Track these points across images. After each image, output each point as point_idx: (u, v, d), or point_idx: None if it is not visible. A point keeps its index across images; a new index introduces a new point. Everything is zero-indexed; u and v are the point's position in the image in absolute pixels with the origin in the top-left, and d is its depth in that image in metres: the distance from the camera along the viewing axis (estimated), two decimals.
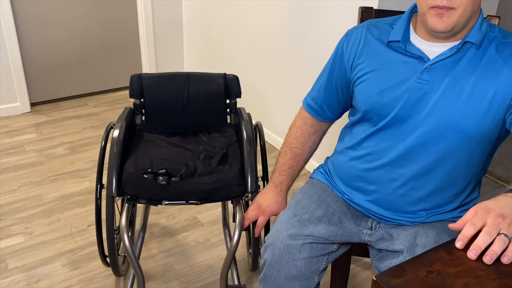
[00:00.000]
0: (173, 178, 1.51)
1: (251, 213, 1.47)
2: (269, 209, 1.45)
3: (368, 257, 1.37)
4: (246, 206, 1.91)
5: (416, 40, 1.20)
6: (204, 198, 1.52)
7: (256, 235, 1.51)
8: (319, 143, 1.49)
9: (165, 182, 1.49)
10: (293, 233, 1.27)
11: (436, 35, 1.16)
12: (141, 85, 1.81)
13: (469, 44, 1.14)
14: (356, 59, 1.28)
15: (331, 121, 1.45)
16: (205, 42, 3.41)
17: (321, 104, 1.40)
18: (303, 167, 1.49)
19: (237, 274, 1.76)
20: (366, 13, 1.52)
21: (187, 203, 1.53)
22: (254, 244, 1.63)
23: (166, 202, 1.52)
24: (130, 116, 1.77)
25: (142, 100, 1.83)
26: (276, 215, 1.45)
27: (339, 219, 1.31)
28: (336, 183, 1.39)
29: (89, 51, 3.48)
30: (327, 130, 1.49)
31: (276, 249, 1.28)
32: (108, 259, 1.70)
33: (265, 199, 1.46)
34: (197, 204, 1.53)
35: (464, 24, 1.12)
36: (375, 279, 0.75)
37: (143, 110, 1.85)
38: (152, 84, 1.82)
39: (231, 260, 1.54)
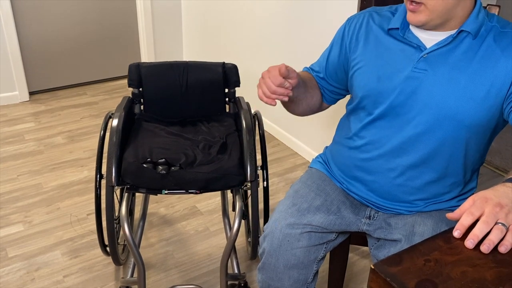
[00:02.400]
0: (173, 168, 1.51)
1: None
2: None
3: (367, 246, 1.38)
4: (245, 195, 1.92)
5: (415, 28, 1.20)
6: (203, 187, 1.52)
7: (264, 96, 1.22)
8: (315, 101, 1.41)
9: (164, 172, 1.49)
10: (291, 222, 1.28)
11: (421, 27, 1.16)
12: (139, 74, 1.80)
13: (465, 33, 1.14)
14: (356, 44, 1.28)
15: (324, 101, 1.46)
16: (204, 31, 3.40)
17: (320, 84, 1.42)
18: (306, 90, 1.36)
19: (237, 263, 1.77)
20: (365, 1, 1.51)
21: (187, 192, 1.53)
22: (254, 233, 1.64)
23: (166, 191, 1.52)
24: (129, 105, 1.77)
25: (140, 89, 1.83)
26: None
27: (338, 208, 1.31)
28: (334, 172, 1.39)
29: (87, 40, 3.47)
30: (323, 108, 1.47)
31: (275, 238, 1.28)
32: (108, 248, 1.70)
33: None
34: (196, 193, 1.53)
35: (442, 17, 1.12)
36: (373, 267, 0.76)
37: (142, 99, 1.85)
38: (150, 73, 1.81)
39: (231, 248, 1.55)
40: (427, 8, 1.10)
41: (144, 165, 1.50)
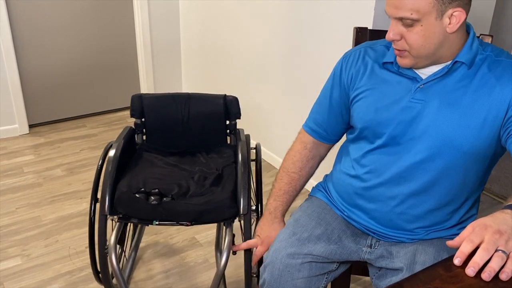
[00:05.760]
0: (165, 198, 1.51)
1: (259, 249, 1.44)
2: (267, 240, 1.42)
3: (368, 276, 1.37)
4: (240, 228, 1.90)
5: None
6: (195, 219, 1.50)
7: (253, 263, 1.47)
8: (316, 168, 1.49)
9: (156, 202, 1.48)
10: (292, 252, 1.27)
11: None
12: (142, 105, 1.82)
13: (460, 64, 1.16)
14: (354, 79, 1.30)
15: (332, 143, 1.45)
16: (203, 63, 3.44)
17: (325, 126, 1.40)
18: (299, 192, 1.48)
19: None
20: (361, 34, 1.54)
21: (178, 223, 1.51)
22: (246, 267, 1.59)
23: (157, 222, 1.51)
24: (129, 135, 1.78)
25: (142, 119, 1.84)
26: None
27: (339, 237, 1.31)
28: (335, 200, 1.39)
29: (87, 73, 3.50)
30: (325, 155, 1.48)
31: (275, 268, 1.27)
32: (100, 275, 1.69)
33: (263, 230, 1.44)
34: (187, 225, 1.50)
35: (429, 59, 1.15)
36: None
37: (144, 130, 1.86)
38: (153, 104, 1.83)
39: (219, 283, 1.52)
40: (410, 54, 1.14)
41: (137, 195, 1.50)
